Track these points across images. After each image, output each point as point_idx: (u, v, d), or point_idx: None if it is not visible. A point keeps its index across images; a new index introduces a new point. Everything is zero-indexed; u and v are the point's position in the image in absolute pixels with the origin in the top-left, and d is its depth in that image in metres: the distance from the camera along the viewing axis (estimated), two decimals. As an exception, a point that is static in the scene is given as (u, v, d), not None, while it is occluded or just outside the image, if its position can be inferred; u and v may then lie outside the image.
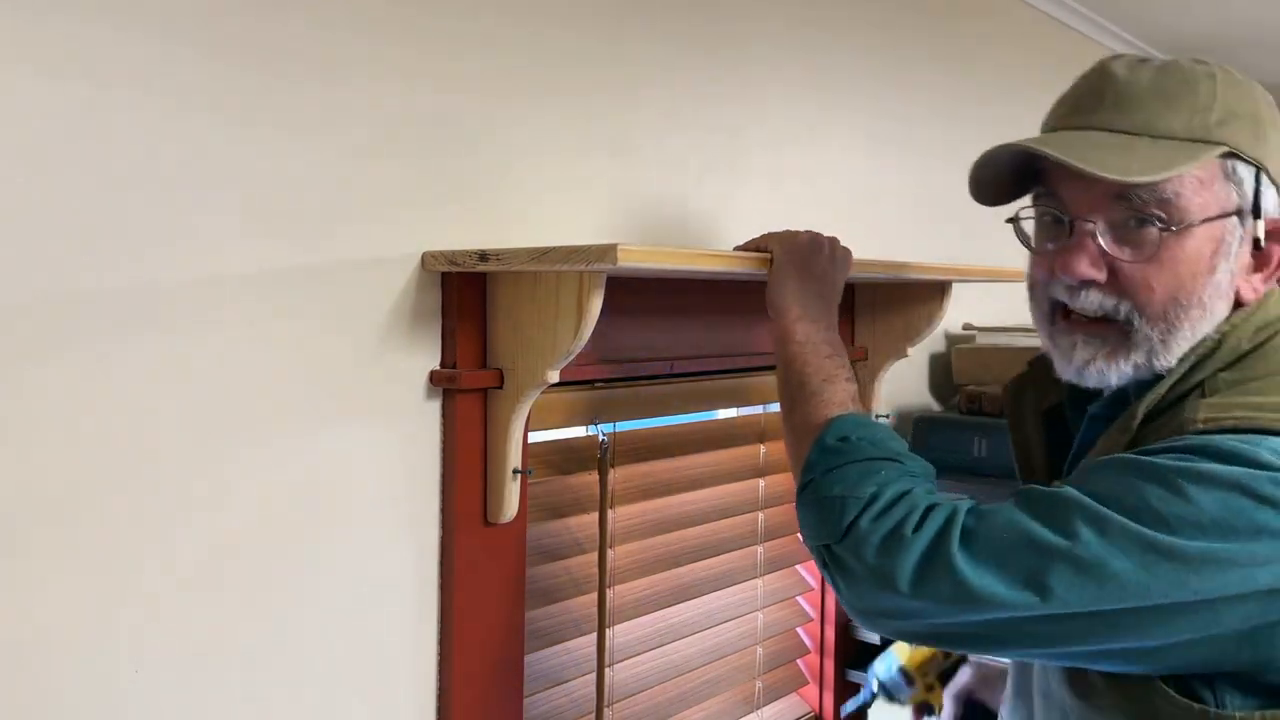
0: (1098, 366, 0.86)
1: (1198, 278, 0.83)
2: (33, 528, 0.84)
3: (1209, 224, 0.82)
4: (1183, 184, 0.81)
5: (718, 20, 1.44)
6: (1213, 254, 0.83)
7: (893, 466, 0.86)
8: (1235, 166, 0.83)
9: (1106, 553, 0.73)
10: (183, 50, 0.90)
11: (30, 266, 0.82)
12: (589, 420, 1.29)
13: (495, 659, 1.17)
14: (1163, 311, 0.83)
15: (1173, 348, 0.83)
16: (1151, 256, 0.83)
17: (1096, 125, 0.85)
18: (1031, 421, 1.00)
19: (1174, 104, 0.83)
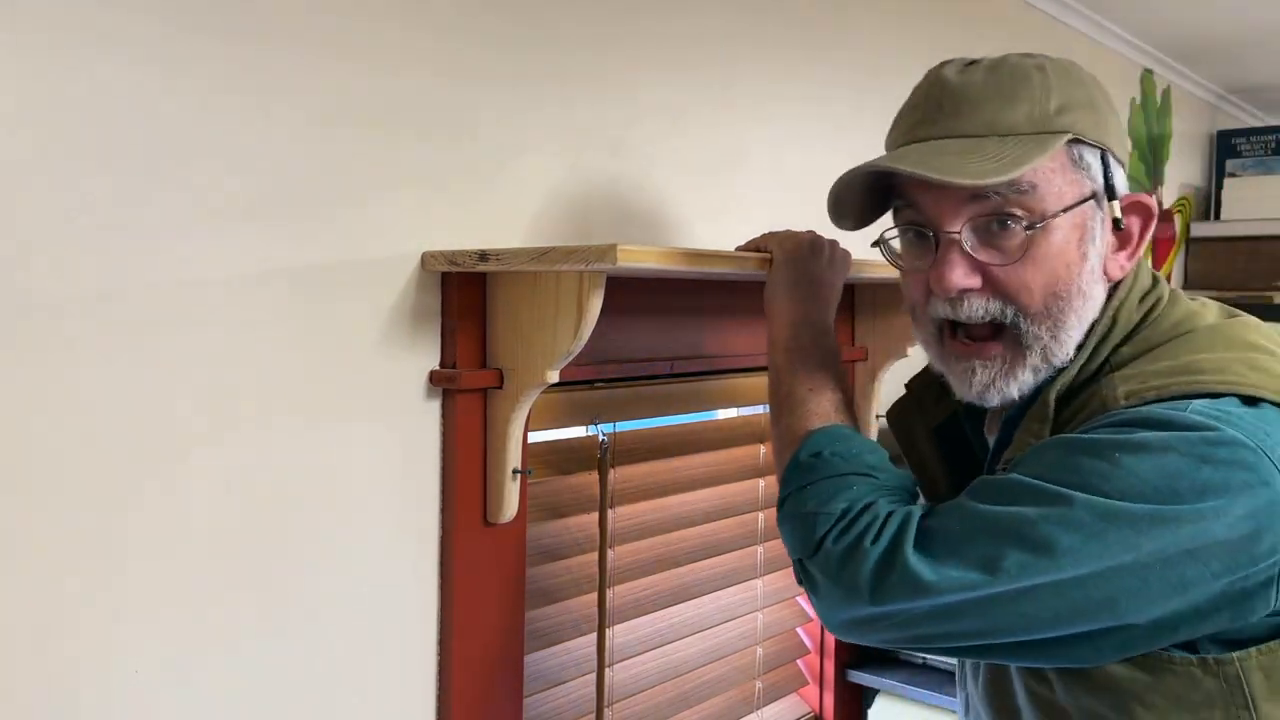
0: (998, 387, 0.86)
1: (1071, 267, 0.83)
2: (32, 528, 0.84)
3: (1069, 213, 0.83)
4: (1037, 176, 0.82)
5: (718, 20, 1.44)
6: (1080, 241, 0.83)
7: (864, 481, 0.86)
8: (1081, 152, 0.84)
9: (1056, 527, 0.74)
10: (181, 50, 0.90)
11: (29, 267, 0.82)
12: (589, 420, 1.29)
13: (495, 659, 1.17)
14: (1045, 308, 0.83)
15: (1065, 341, 0.84)
16: (1021, 256, 0.83)
17: (941, 134, 0.85)
18: (924, 444, 1.02)
19: (1012, 99, 0.83)
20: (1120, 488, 0.73)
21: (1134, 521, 0.73)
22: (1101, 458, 0.75)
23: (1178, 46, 2.67)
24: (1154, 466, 0.73)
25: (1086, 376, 0.85)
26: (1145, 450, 0.74)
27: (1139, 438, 0.75)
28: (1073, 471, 0.75)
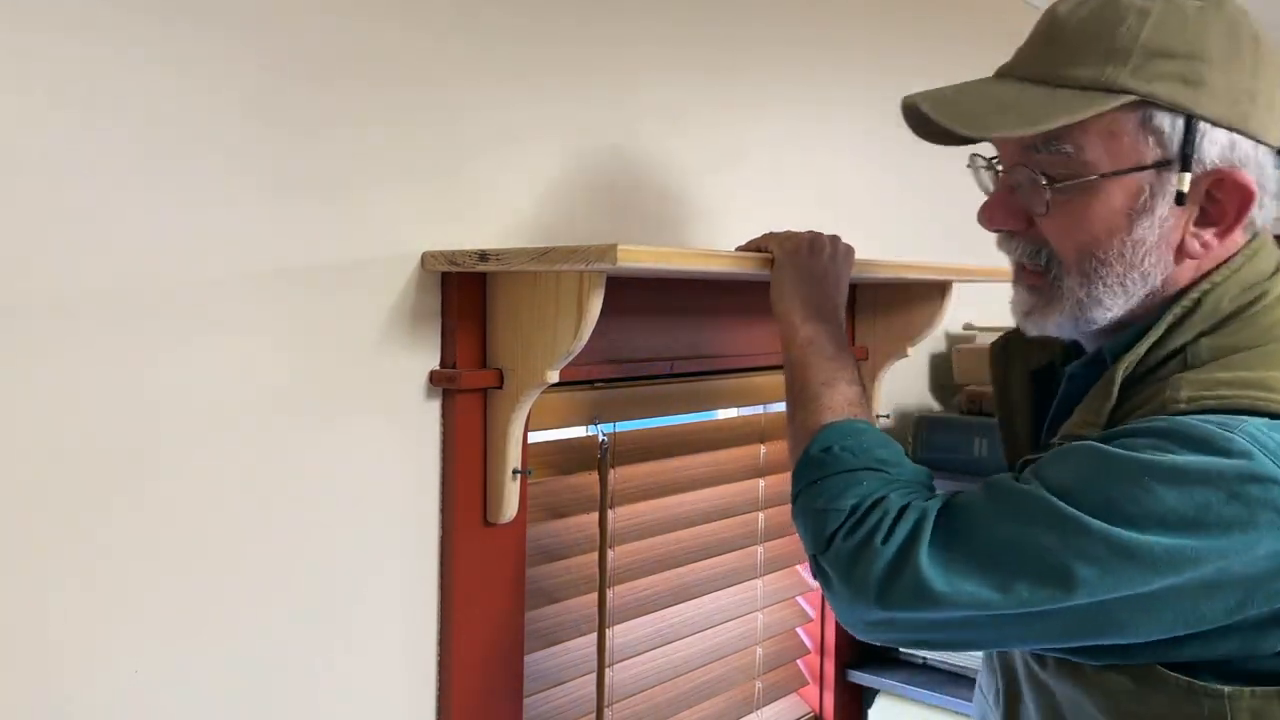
0: (1034, 319, 0.87)
1: (1114, 234, 0.80)
2: (32, 528, 0.84)
3: (1117, 179, 0.78)
4: (1084, 137, 0.78)
5: (719, 20, 1.44)
6: (1128, 210, 0.79)
7: (875, 476, 0.85)
8: (1152, 115, 0.77)
9: (1075, 558, 0.72)
10: (177, 50, 0.90)
11: (28, 267, 0.82)
12: (589, 420, 1.29)
13: (495, 659, 1.17)
14: (1078, 264, 0.82)
15: (1103, 301, 0.82)
16: (1052, 212, 0.81)
17: (1012, 71, 0.83)
18: (1018, 384, 0.98)
19: (1088, 48, 0.78)
20: (1145, 516, 0.71)
21: (1153, 558, 0.71)
22: (1132, 481, 0.72)
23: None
24: (1182, 497, 0.71)
25: (1158, 361, 0.80)
26: (1176, 478, 0.71)
27: (1171, 463, 0.71)
28: (1100, 493, 0.73)
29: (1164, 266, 0.81)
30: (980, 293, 2.05)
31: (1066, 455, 0.78)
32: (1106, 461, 0.74)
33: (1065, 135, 0.79)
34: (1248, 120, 0.78)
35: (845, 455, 0.88)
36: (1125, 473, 0.72)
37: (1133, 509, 0.71)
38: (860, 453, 0.88)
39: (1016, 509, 0.76)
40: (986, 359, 1.08)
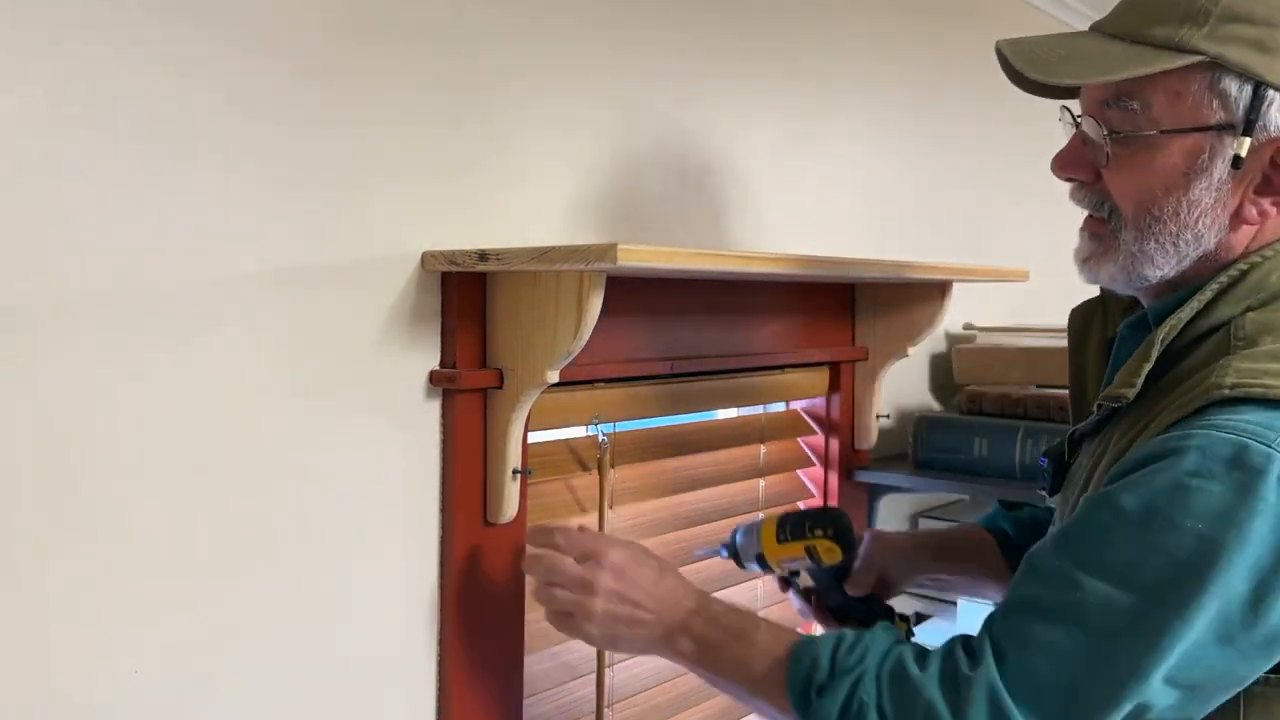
0: (1090, 265, 0.89)
1: (1171, 192, 0.81)
2: (32, 527, 0.83)
3: (1177, 136, 0.80)
4: (1152, 94, 0.80)
5: (718, 21, 1.44)
6: (1186, 170, 0.80)
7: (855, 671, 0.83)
8: (1221, 78, 0.78)
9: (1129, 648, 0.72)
10: (178, 50, 0.90)
11: (29, 267, 0.82)
12: (589, 420, 1.29)
13: (495, 659, 1.17)
14: (1135, 218, 0.83)
15: (1154, 258, 0.83)
16: (1113, 164, 0.84)
17: (1100, 27, 0.85)
18: (1094, 349, 0.99)
19: (1170, 7, 0.80)
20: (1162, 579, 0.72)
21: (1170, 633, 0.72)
22: (1173, 527, 0.72)
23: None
24: (1186, 542, 0.71)
25: (1202, 331, 0.81)
26: (1194, 517, 0.71)
27: (1198, 505, 0.71)
28: (1152, 550, 0.73)
29: (1218, 230, 0.82)
30: (980, 293, 2.05)
31: (1105, 517, 0.76)
32: (1129, 524, 0.73)
33: (1135, 91, 0.81)
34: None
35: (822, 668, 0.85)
36: (1168, 521, 0.72)
37: (1152, 578, 0.72)
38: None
39: (1061, 610, 0.75)
40: (987, 359, 1.09)
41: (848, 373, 1.68)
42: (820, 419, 1.70)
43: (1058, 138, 0.92)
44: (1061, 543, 0.79)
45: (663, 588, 0.96)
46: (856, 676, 0.81)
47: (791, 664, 0.86)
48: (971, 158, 2.02)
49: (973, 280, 1.52)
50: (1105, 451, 0.86)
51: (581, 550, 0.98)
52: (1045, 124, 2.26)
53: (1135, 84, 0.80)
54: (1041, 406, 1.67)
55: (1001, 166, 2.11)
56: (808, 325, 1.59)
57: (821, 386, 1.67)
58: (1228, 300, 0.81)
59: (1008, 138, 2.11)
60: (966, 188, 2.01)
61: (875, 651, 0.83)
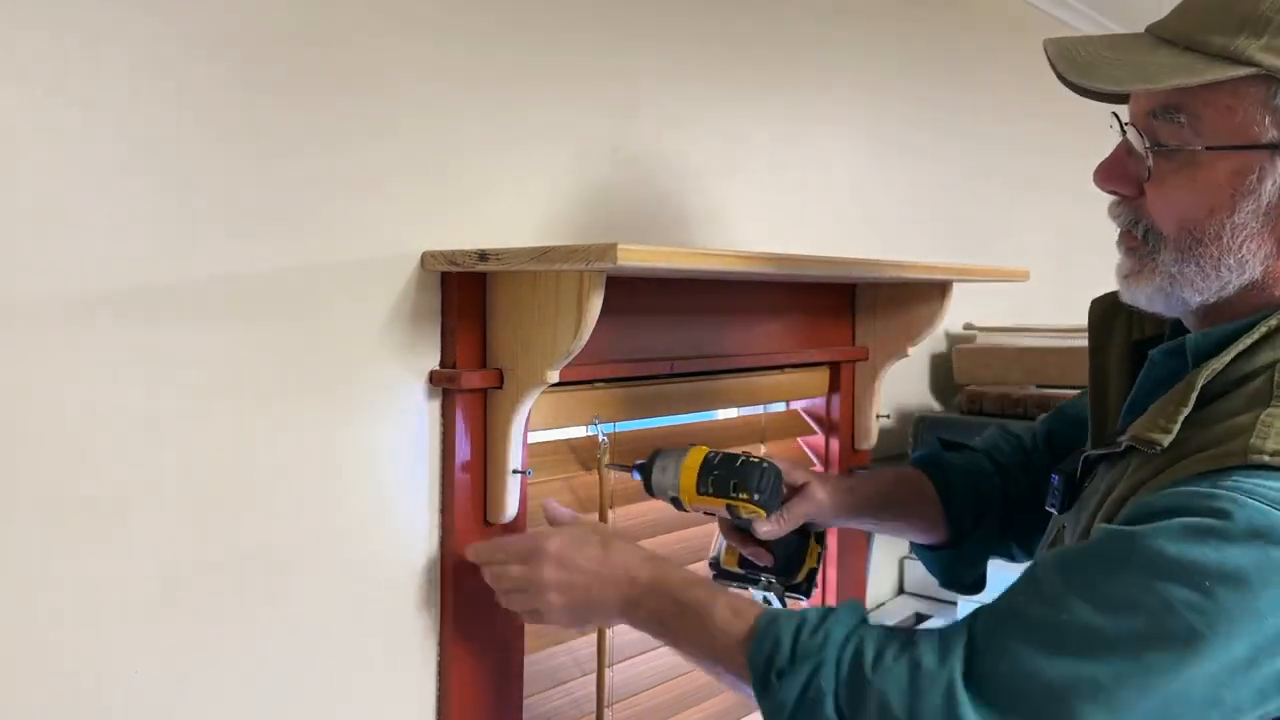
0: (1130, 283, 0.84)
1: (1215, 213, 0.76)
2: (31, 527, 0.84)
3: (1225, 154, 0.75)
4: (1202, 108, 0.75)
5: (718, 20, 1.44)
6: (1233, 190, 0.75)
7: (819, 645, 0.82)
8: (1277, 93, 0.72)
9: (1131, 691, 0.70)
10: (176, 49, 0.90)
11: (31, 268, 0.82)
12: (589, 420, 1.29)
13: (495, 659, 1.17)
14: (1176, 239, 0.78)
15: (1195, 282, 0.78)
16: (1155, 179, 0.79)
17: (1156, 28, 0.80)
18: (1118, 352, 0.94)
19: (1231, 10, 0.74)
20: (1207, 622, 0.68)
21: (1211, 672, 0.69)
22: (1182, 580, 0.69)
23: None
24: (1220, 604, 0.68)
25: (1243, 374, 0.76)
26: (1219, 582, 0.68)
27: (1221, 569, 0.68)
28: (1156, 597, 0.70)
29: (1264, 258, 0.77)
30: (980, 293, 2.05)
31: (1110, 556, 0.74)
32: (1168, 573, 0.70)
33: (1184, 103, 0.76)
34: None
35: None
36: (1187, 578, 0.69)
37: (1195, 619, 0.69)
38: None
39: (1060, 637, 0.73)
40: (987, 359, 1.07)
41: (848, 373, 1.68)
42: (820, 419, 1.70)
43: (1058, 138, 0.90)
44: (1067, 564, 0.76)
45: (610, 564, 0.96)
46: (816, 663, 0.80)
47: (753, 644, 0.84)
48: (972, 158, 2.02)
49: (973, 280, 1.52)
50: (1122, 478, 0.82)
51: (520, 552, 1.01)
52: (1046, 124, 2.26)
53: (1185, 95, 0.75)
54: (1042, 406, 1.67)
55: (1002, 166, 2.11)
56: (808, 325, 1.59)
57: (821, 386, 1.67)
58: (1274, 344, 0.76)
59: (1009, 137, 2.11)
60: (967, 188, 2.01)
61: (836, 636, 0.81)
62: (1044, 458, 1.14)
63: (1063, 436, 1.13)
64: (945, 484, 1.14)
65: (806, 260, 1.19)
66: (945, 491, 1.14)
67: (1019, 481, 1.14)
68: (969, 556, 1.15)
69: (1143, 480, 0.79)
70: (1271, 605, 0.67)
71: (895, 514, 1.16)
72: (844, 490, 1.16)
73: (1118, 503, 0.81)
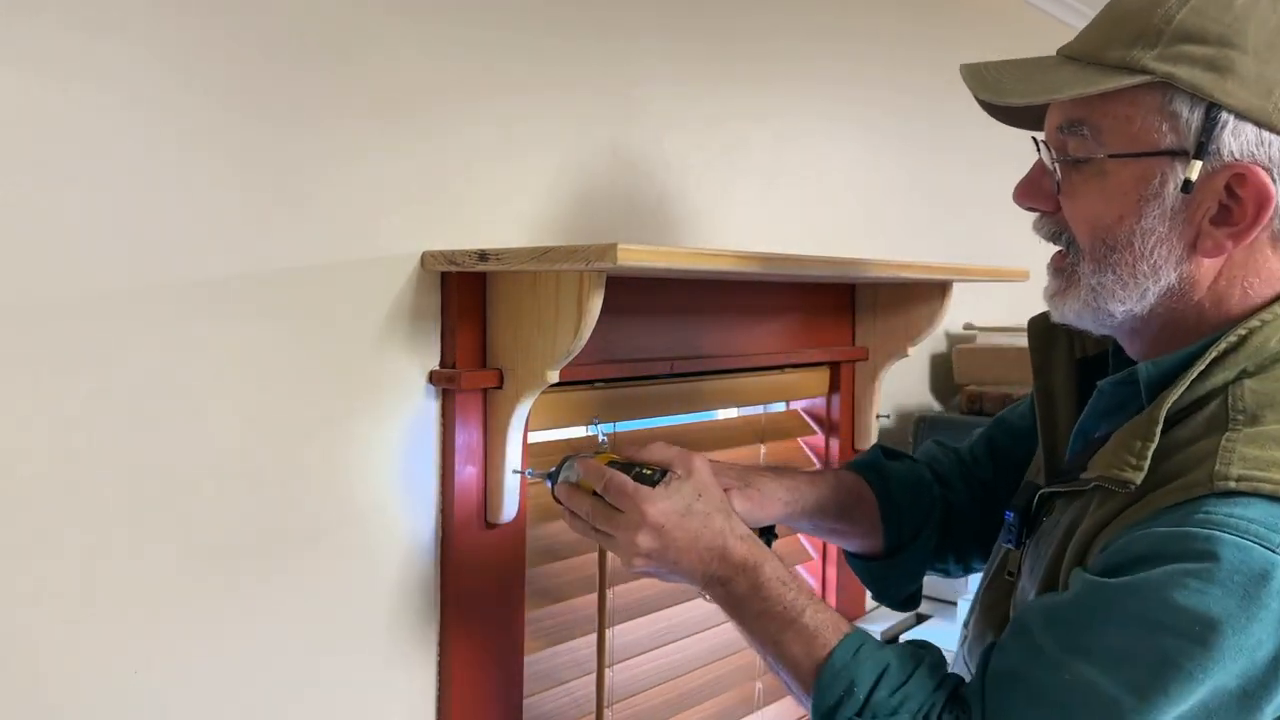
0: (1057, 301, 0.85)
1: (1123, 219, 0.77)
2: (30, 526, 0.84)
3: (1126, 161, 0.76)
4: (1103, 119, 0.77)
5: (718, 20, 1.44)
6: (1139, 198, 0.76)
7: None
8: (1172, 99, 0.74)
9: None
10: (177, 48, 0.90)
11: (32, 267, 0.82)
12: (589, 420, 1.29)
13: (495, 659, 1.17)
14: (1091, 249, 0.80)
15: (1115, 292, 0.79)
16: (1065, 191, 0.81)
17: (1063, 50, 0.82)
18: (1062, 371, 0.94)
19: (1127, 24, 0.77)
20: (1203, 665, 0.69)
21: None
22: (1169, 627, 0.70)
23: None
24: (1240, 643, 0.69)
25: (1199, 396, 0.77)
26: (1230, 627, 0.69)
27: (1217, 615, 0.69)
28: (1151, 648, 0.71)
29: (1176, 261, 0.78)
30: (980, 293, 2.05)
31: (1095, 608, 0.74)
32: (1156, 624, 0.71)
33: (1086, 116, 0.78)
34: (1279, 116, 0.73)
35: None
36: (1176, 629, 0.70)
37: (1191, 665, 0.70)
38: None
39: (1061, 701, 0.74)
40: (987, 359, 1.06)
41: (848, 373, 1.68)
42: (820, 419, 1.70)
43: None
44: (1058, 620, 0.77)
45: (707, 538, 0.92)
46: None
47: (828, 674, 0.83)
48: (972, 157, 2.02)
49: (973, 280, 1.52)
50: (1086, 514, 0.82)
51: (620, 506, 0.94)
52: (1045, 124, 2.23)
53: (1087, 108, 0.78)
54: (1041, 406, 1.67)
55: (1002, 166, 2.11)
56: (808, 325, 1.59)
57: (821, 386, 1.67)
58: (1224, 365, 0.76)
59: (1008, 137, 2.11)
60: (967, 187, 2.01)
61: (913, 704, 0.81)
62: (985, 470, 1.12)
63: (1005, 449, 1.10)
64: (885, 492, 1.11)
65: (806, 260, 1.19)
66: (885, 499, 1.10)
67: (959, 492, 1.11)
68: (905, 569, 1.12)
69: (1110, 515, 0.79)
70: (1258, 639, 0.68)
71: (832, 519, 1.11)
72: (774, 491, 1.07)
73: (1085, 539, 0.80)
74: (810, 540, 1.72)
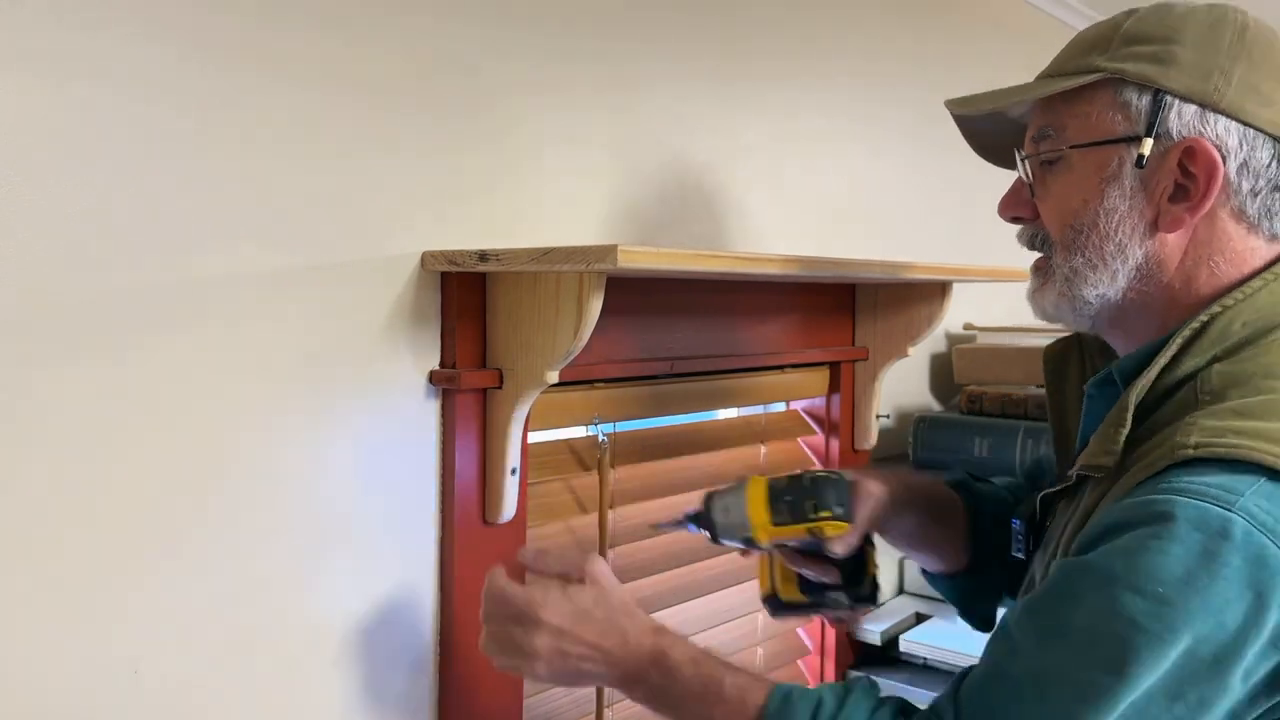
0: (1037, 298, 0.90)
1: (1088, 203, 0.84)
2: (30, 526, 0.84)
3: (1087, 150, 0.84)
4: (1066, 119, 0.85)
5: (718, 20, 1.44)
6: (1099, 181, 0.84)
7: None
8: (1122, 90, 0.82)
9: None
10: (177, 48, 0.90)
11: (36, 267, 0.82)
12: (589, 420, 1.29)
13: (495, 659, 1.17)
14: (1063, 237, 0.86)
15: (1087, 275, 0.85)
16: (1038, 190, 0.88)
17: (1040, 73, 0.91)
18: (1073, 395, 0.97)
19: (1084, 42, 0.87)
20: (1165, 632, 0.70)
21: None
22: (1134, 591, 0.71)
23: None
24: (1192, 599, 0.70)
25: (1171, 384, 0.81)
26: (1182, 584, 0.70)
27: (1171, 573, 0.70)
28: (1119, 616, 0.71)
29: (1139, 238, 0.83)
30: (980, 293, 2.05)
31: (1062, 595, 0.76)
32: (1121, 589, 0.72)
33: (1052, 122, 0.86)
34: (1221, 95, 0.80)
35: None
36: (1138, 589, 0.71)
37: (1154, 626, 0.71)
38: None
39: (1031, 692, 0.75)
40: (987, 359, 1.08)
41: (848, 373, 1.68)
42: (820, 419, 1.70)
43: None
44: (1034, 609, 0.78)
45: (610, 636, 0.91)
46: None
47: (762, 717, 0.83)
48: (972, 157, 2.02)
49: (973, 280, 1.52)
50: (1077, 510, 0.85)
51: (515, 615, 0.93)
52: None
53: (1053, 114, 0.86)
54: (1041, 407, 1.67)
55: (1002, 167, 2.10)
56: (808, 325, 1.59)
57: (821, 386, 1.67)
58: (1193, 352, 0.80)
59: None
60: (967, 188, 2.01)
61: (858, 717, 0.82)
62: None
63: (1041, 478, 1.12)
64: (975, 507, 1.11)
65: (806, 261, 1.19)
66: (974, 514, 1.11)
67: None
68: (991, 586, 1.12)
69: (1093, 504, 0.81)
70: (1223, 599, 0.69)
71: (937, 521, 1.11)
72: (899, 485, 1.09)
73: (1074, 531, 0.83)
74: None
